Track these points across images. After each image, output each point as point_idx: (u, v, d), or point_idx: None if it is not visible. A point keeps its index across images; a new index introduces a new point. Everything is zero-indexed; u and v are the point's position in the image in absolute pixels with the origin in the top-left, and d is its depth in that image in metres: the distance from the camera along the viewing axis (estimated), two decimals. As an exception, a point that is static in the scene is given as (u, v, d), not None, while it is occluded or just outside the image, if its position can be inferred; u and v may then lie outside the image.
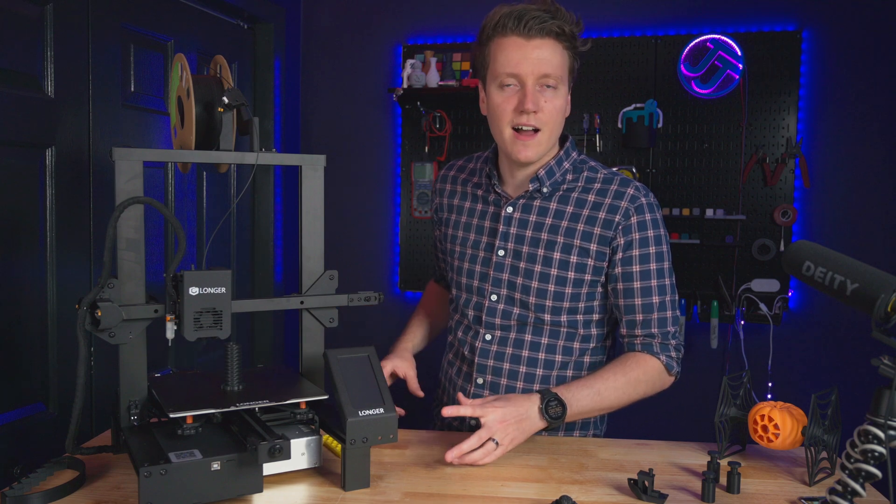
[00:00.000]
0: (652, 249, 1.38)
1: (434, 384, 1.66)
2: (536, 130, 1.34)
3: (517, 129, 1.35)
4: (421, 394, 1.48)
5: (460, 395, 1.28)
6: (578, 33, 1.35)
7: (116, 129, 2.22)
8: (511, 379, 1.45)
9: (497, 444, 1.21)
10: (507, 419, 1.22)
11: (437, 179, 1.65)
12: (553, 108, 1.34)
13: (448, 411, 1.24)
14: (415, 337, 1.65)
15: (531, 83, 1.31)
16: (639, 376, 1.36)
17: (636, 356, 1.39)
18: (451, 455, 1.18)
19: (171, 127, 1.30)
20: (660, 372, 1.39)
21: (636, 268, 1.37)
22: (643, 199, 1.38)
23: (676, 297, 1.42)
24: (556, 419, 1.26)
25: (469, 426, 1.48)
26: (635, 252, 1.37)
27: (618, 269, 1.38)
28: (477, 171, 1.55)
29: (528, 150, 1.35)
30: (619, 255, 1.37)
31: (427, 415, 1.67)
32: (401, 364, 1.51)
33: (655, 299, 1.38)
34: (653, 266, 1.37)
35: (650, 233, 1.38)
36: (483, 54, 1.38)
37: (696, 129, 3.02)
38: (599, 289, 1.42)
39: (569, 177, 1.43)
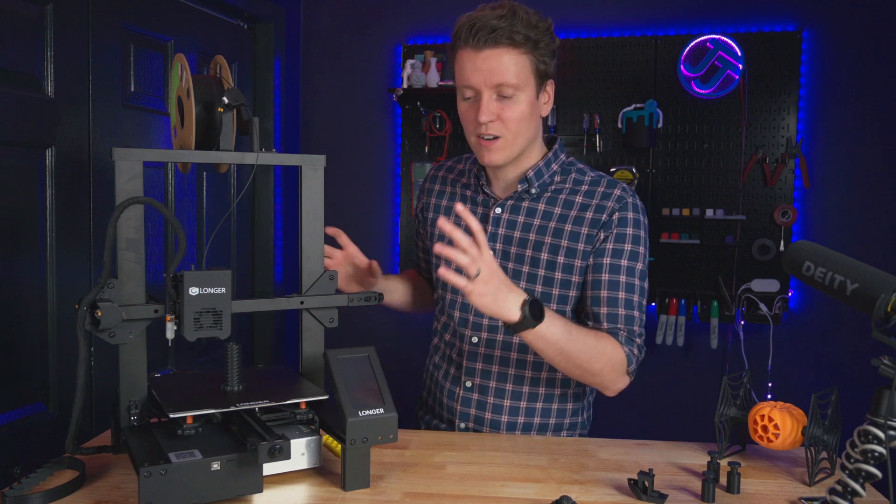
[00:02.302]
0: (627, 247, 1.37)
1: (418, 385, 1.65)
2: (498, 138, 1.34)
3: (481, 137, 1.35)
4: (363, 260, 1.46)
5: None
6: (539, 35, 1.31)
7: (116, 129, 2.22)
8: (500, 381, 1.45)
9: (477, 274, 1.14)
10: (498, 271, 1.18)
11: (425, 179, 1.64)
12: (512, 115, 1.32)
13: (443, 232, 1.15)
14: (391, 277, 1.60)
15: (486, 94, 1.31)
16: (604, 349, 1.31)
17: (606, 335, 1.34)
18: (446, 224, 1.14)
19: (171, 127, 1.30)
20: (621, 361, 1.33)
21: (607, 260, 1.37)
22: (629, 199, 1.39)
23: (644, 303, 1.39)
24: (532, 314, 1.19)
25: (459, 428, 1.48)
26: (609, 245, 1.37)
27: (590, 260, 1.38)
28: (465, 172, 1.55)
29: (491, 155, 1.36)
30: (596, 246, 1.38)
31: (412, 415, 1.66)
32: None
33: (621, 295, 1.36)
34: (624, 262, 1.36)
35: (629, 230, 1.37)
36: (451, 64, 1.39)
37: (696, 129, 3.02)
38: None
39: (557, 178, 1.44)
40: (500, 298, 1.17)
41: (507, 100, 1.32)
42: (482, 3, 1.34)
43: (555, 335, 1.23)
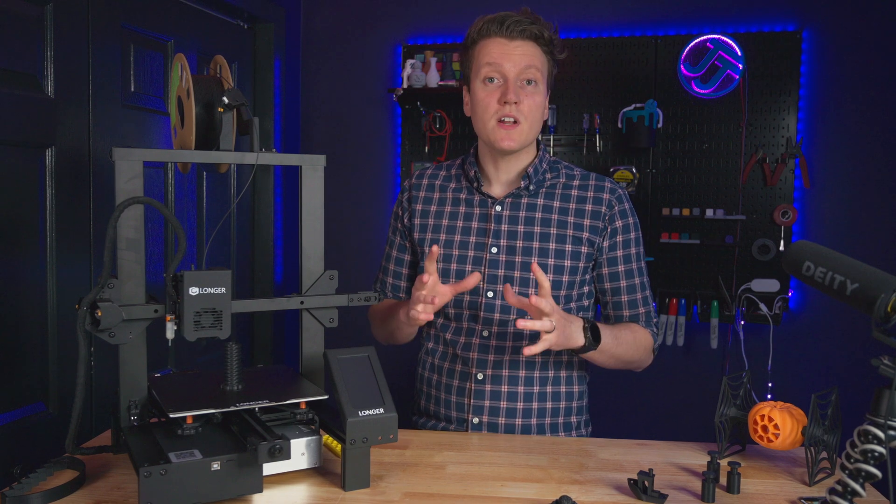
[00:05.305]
0: (632, 235, 1.52)
1: (409, 384, 1.65)
2: (518, 123, 1.43)
3: (501, 121, 1.43)
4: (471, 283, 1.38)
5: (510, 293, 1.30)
6: (556, 43, 1.46)
7: (116, 129, 2.22)
8: (512, 369, 1.49)
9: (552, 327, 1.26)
10: (558, 310, 1.30)
11: (405, 189, 1.64)
12: (533, 102, 1.44)
13: (521, 324, 1.23)
14: None
15: (513, 77, 1.42)
16: (639, 340, 1.49)
17: (633, 324, 1.51)
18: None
19: (171, 127, 1.30)
20: (650, 343, 1.52)
21: (620, 252, 1.51)
22: (620, 190, 1.54)
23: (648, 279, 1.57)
24: (593, 338, 1.35)
25: (472, 423, 1.49)
26: (619, 238, 1.51)
27: (604, 256, 1.51)
28: (453, 178, 1.60)
29: (511, 140, 1.44)
30: (606, 242, 1.50)
31: (405, 421, 1.63)
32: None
33: (636, 280, 1.52)
34: (633, 250, 1.52)
35: (630, 220, 1.52)
36: (468, 57, 1.50)
37: (696, 129, 3.02)
38: (588, 276, 1.52)
39: (548, 175, 1.54)
40: (568, 333, 1.31)
41: (529, 87, 1.44)
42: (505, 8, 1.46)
43: (609, 346, 1.40)
